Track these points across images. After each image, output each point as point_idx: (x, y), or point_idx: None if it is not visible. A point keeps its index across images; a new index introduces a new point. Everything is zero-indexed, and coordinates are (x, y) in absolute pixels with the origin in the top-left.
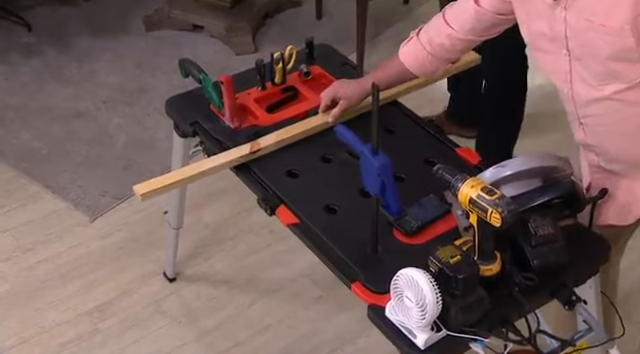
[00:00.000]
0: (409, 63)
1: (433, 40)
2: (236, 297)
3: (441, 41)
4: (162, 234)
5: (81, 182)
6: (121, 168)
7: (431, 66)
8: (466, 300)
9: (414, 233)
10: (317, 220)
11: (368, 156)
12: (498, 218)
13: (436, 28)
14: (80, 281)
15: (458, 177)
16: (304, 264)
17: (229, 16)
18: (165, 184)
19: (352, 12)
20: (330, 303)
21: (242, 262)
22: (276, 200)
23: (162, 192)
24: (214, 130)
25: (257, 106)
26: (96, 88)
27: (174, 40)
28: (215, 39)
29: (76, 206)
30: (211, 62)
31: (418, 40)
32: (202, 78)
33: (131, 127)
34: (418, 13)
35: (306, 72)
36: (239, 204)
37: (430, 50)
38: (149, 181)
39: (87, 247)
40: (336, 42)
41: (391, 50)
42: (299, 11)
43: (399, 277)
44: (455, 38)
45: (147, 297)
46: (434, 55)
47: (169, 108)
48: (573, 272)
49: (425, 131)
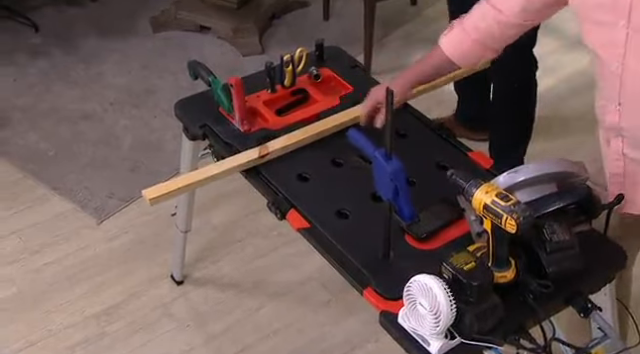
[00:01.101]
0: (451, 52)
1: (479, 26)
2: (244, 301)
3: (488, 26)
4: (169, 236)
5: (88, 184)
6: (128, 170)
7: (475, 55)
8: (480, 307)
9: (426, 238)
10: (328, 225)
11: (381, 161)
12: (513, 224)
13: (480, 13)
14: (87, 284)
15: (472, 183)
16: (313, 267)
17: (236, 17)
18: (174, 189)
19: (360, 13)
20: (339, 307)
21: (250, 265)
22: (286, 204)
23: (171, 196)
24: (224, 133)
25: (267, 109)
26: (103, 89)
27: (181, 41)
28: (222, 40)
29: (83, 208)
30: (218, 63)
31: (462, 27)
32: (211, 81)
33: (138, 129)
34: (426, 14)
35: (316, 75)
36: (247, 206)
37: (476, 36)
38: (158, 185)
39: (94, 249)
40: (344, 43)
41: (399, 51)
42: (306, 12)
43: (412, 284)
44: (504, 23)
45: (155, 300)
46: (480, 42)
47: (178, 111)
48: (588, 279)
49: (436, 135)
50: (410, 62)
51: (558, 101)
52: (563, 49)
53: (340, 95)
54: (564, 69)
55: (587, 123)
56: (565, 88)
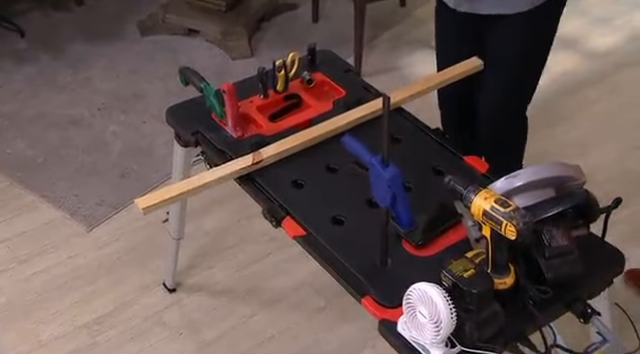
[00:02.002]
0: None
1: None
2: (238, 307)
3: None
4: (161, 243)
5: (77, 191)
6: (118, 176)
7: None
8: (481, 315)
9: (424, 245)
10: (324, 232)
11: (378, 168)
12: (513, 231)
13: None
14: (78, 293)
15: (470, 189)
16: (306, 273)
17: (224, 20)
18: (167, 197)
19: (349, 15)
20: (333, 313)
21: (243, 271)
22: (281, 211)
23: (164, 205)
24: (217, 140)
25: (260, 115)
26: (91, 95)
27: (169, 45)
28: (211, 43)
29: (72, 216)
30: (207, 67)
31: None
32: (203, 87)
33: (127, 134)
34: (416, 15)
35: (309, 79)
36: (239, 212)
37: None
38: (150, 194)
39: (84, 258)
40: (333, 45)
41: (389, 53)
42: (295, 14)
43: (412, 292)
44: None
45: (147, 308)
46: None
47: (169, 117)
48: (587, 284)
49: (431, 138)
50: (400, 64)
51: (547, 101)
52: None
53: (333, 100)
54: (553, 68)
55: (576, 122)
56: (554, 88)
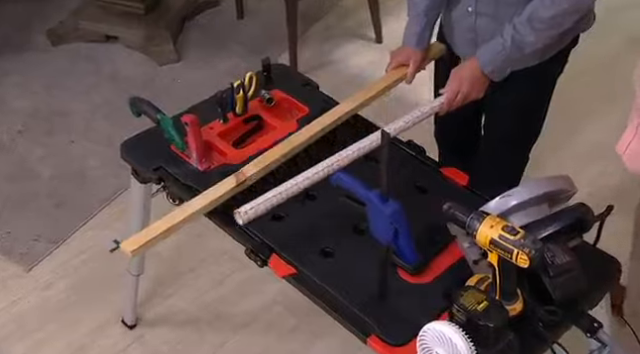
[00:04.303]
0: None
1: None
2: (206, 336)
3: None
4: (111, 276)
5: (9, 227)
6: (52, 206)
7: None
8: (497, 347)
9: (420, 270)
10: (314, 267)
11: (377, 203)
12: (526, 259)
13: None
14: (24, 343)
15: (473, 216)
16: (274, 291)
17: (145, 23)
18: (154, 235)
19: (275, 9)
20: (306, 332)
21: (206, 296)
22: (266, 250)
23: (152, 245)
24: (182, 175)
25: (223, 142)
26: (6, 116)
27: (87, 54)
28: (132, 50)
29: (7, 256)
30: (134, 76)
31: None
32: (160, 118)
33: (55, 157)
34: (344, 4)
35: (268, 98)
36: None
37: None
38: (135, 236)
39: (28, 301)
40: (263, 42)
41: (321, 46)
42: (218, 11)
43: (426, 333)
44: None
45: (106, 350)
46: None
47: (126, 154)
48: (589, 296)
49: (406, 153)
50: (334, 57)
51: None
52: None
53: (297, 118)
54: None
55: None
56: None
